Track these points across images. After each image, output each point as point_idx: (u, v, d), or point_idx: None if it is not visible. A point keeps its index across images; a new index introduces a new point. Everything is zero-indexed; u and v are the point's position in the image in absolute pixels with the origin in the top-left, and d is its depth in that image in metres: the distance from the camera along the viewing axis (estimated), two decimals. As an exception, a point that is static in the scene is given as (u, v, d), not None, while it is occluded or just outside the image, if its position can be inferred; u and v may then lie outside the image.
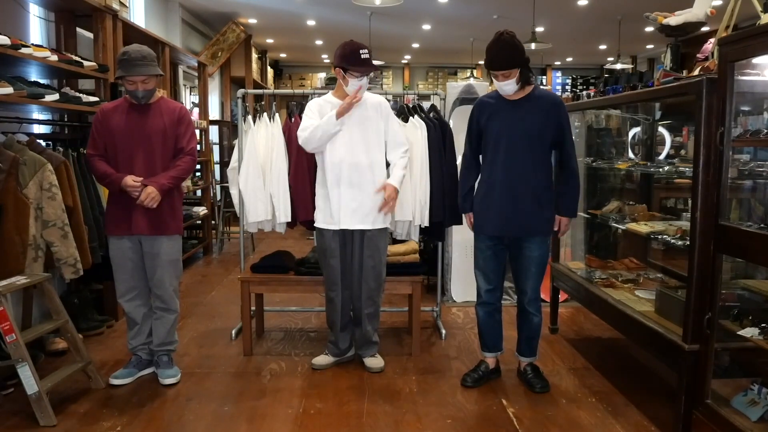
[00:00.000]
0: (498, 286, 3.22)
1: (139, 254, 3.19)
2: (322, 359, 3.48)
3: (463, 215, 3.32)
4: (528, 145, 3.01)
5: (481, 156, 3.19)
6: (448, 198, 3.74)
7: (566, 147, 3.08)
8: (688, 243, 2.62)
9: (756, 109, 2.79)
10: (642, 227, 3.36)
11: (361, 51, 3.15)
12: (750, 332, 2.35)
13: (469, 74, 12.42)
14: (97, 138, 3.14)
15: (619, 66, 10.14)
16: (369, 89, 3.34)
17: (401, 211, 3.62)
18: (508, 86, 2.97)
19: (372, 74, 3.40)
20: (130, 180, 3.03)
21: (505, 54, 2.90)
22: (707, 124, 2.43)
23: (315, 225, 3.38)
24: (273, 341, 3.94)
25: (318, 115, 3.25)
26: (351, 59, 3.15)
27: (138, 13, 6.64)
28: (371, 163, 3.26)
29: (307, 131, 3.21)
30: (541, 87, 3.15)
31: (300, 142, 3.27)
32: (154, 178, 3.08)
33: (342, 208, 3.24)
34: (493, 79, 3.00)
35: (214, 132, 8.71)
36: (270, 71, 12.25)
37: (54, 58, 3.58)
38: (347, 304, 3.43)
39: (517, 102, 3.03)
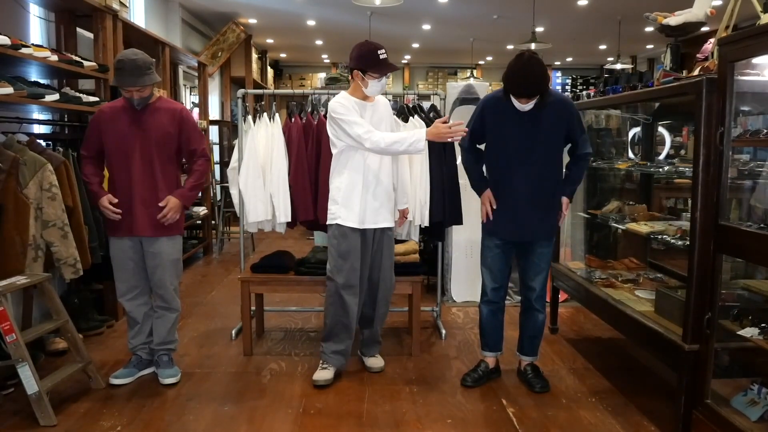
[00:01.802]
0: (504, 285, 3.22)
1: (139, 254, 3.19)
2: (325, 374, 3.24)
3: (482, 197, 3.15)
4: (541, 154, 3.00)
5: (485, 156, 3.18)
6: (448, 198, 3.75)
7: (578, 139, 3.07)
8: (688, 243, 2.63)
9: (756, 109, 2.79)
10: (642, 227, 3.36)
11: (379, 51, 3.08)
12: (750, 332, 2.35)
13: (469, 74, 12.41)
14: (92, 139, 3.14)
15: (619, 66, 10.12)
16: None
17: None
18: (529, 106, 2.92)
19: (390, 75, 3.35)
20: (106, 202, 3.07)
21: (536, 84, 2.85)
22: (707, 124, 2.43)
23: (340, 224, 3.15)
24: (273, 341, 3.94)
25: (357, 113, 3.09)
26: (370, 61, 3.07)
27: (138, 13, 6.64)
28: (387, 161, 3.24)
29: (380, 139, 3.00)
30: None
31: (368, 145, 3.01)
32: (178, 190, 3.16)
33: (368, 207, 3.17)
34: (514, 98, 2.91)
35: (214, 132, 8.72)
36: (270, 71, 12.24)
37: (54, 58, 3.58)
38: (360, 307, 3.32)
39: (531, 111, 2.95)
